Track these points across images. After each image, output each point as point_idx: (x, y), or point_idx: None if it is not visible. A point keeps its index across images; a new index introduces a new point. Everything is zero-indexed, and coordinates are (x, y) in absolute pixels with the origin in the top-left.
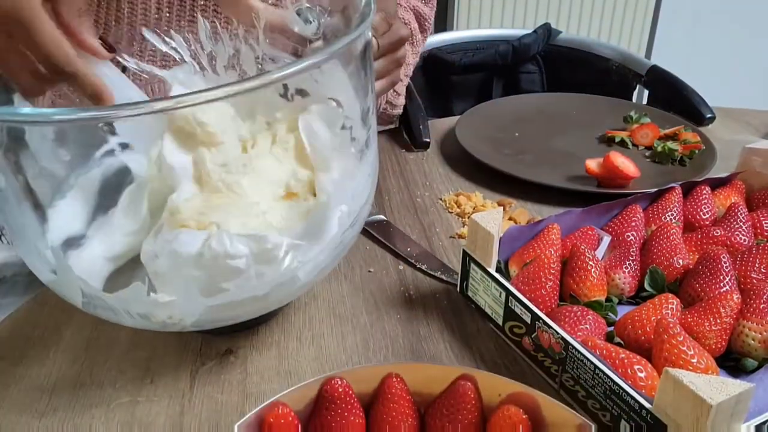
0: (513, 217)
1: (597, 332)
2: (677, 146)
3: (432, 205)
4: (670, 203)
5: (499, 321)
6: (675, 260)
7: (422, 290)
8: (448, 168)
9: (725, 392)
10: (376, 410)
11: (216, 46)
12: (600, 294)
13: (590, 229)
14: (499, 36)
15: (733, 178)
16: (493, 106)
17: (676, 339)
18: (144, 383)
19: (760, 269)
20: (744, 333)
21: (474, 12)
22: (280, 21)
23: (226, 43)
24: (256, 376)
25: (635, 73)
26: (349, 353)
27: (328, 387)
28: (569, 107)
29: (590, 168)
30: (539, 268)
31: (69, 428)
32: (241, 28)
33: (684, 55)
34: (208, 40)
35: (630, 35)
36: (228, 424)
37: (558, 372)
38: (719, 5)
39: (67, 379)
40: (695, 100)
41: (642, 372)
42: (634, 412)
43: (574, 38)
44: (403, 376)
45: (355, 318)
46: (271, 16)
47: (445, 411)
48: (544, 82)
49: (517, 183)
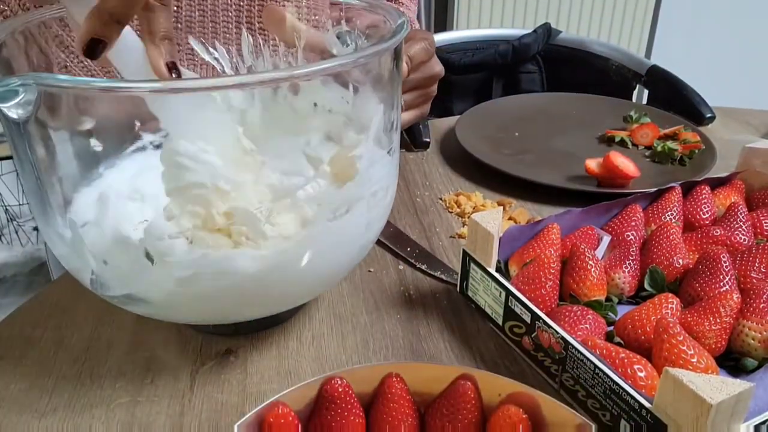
0: (513, 217)
1: (597, 332)
2: (677, 146)
3: (432, 205)
4: (670, 203)
5: (499, 321)
6: (675, 260)
7: (422, 290)
8: (448, 168)
9: (725, 392)
10: (376, 410)
11: (256, 61)
12: (600, 294)
13: (590, 228)
14: (499, 36)
15: (733, 178)
16: (493, 106)
17: (676, 339)
18: (144, 383)
19: (760, 269)
20: (744, 333)
21: (474, 12)
22: (320, 42)
23: (266, 59)
24: (256, 376)
25: (635, 72)
26: (349, 353)
27: (328, 387)
28: (569, 107)
29: (590, 168)
30: (539, 268)
31: (69, 428)
32: (282, 46)
33: (684, 55)
34: (250, 54)
35: (630, 35)
36: (228, 424)
37: (558, 372)
38: (719, 5)
39: (67, 379)
40: (695, 100)
41: (642, 372)
42: (634, 412)
43: (574, 38)
44: (403, 376)
45: (355, 318)
46: (312, 37)
47: (445, 411)
48: (544, 82)
49: (517, 183)
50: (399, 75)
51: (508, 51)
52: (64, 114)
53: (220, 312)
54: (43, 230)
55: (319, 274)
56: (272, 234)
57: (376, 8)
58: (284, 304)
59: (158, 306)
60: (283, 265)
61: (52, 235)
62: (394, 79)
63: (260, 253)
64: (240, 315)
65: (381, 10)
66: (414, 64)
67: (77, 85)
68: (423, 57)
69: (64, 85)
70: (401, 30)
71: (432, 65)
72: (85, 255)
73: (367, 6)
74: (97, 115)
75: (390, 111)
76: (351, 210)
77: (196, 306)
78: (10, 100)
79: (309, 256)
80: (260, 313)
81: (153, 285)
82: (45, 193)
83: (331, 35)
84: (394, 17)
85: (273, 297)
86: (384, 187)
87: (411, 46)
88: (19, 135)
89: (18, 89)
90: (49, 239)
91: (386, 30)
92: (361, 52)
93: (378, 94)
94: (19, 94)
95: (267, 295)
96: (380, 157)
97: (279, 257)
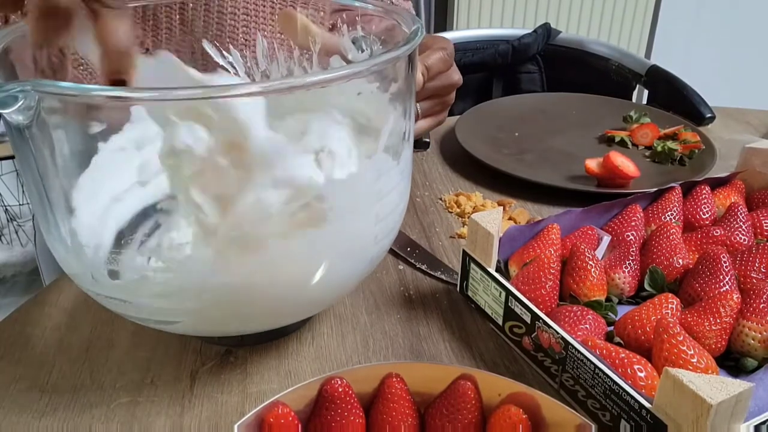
0: (513, 217)
1: (597, 332)
2: (677, 146)
3: (432, 205)
4: (670, 203)
5: (499, 321)
6: (675, 260)
7: (422, 290)
8: (447, 168)
9: (725, 392)
10: (376, 410)
11: (271, 65)
12: (600, 294)
13: (590, 228)
14: (498, 36)
15: (733, 178)
16: (493, 106)
17: (676, 339)
18: (144, 383)
19: (760, 269)
20: (744, 333)
21: (474, 12)
22: (335, 46)
23: (280, 63)
24: (256, 376)
25: (635, 72)
26: (349, 353)
27: (328, 387)
28: (569, 107)
29: (590, 168)
30: (539, 268)
31: (69, 428)
32: (296, 50)
33: (684, 55)
34: (264, 58)
35: (630, 35)
36: (228, 424)
37: (558, 372)
38: (719, 5)
39: (67, 379)
40: (695, 100)
41: (642, 372)
42: (634, 412)
43: (573, 38)
44: (403, 375)
45: (355, 318)
46: (328, 41)
47: (445, 411)
48: (543, 82)
49: (517, 183)
50: (413, 83)
51: (508, 51)
52: (64, 119)
53: (223, 324)
54: (45, 232)
55: (329, 287)
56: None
57: (390, 14)
58: (290, 316)
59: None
60: (293, 279)
61: (54, 241)
62: (409, 86)
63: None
64: (246, 328)
65: (396, 15)
66: (431, 74)
67: (80, 92)
68: (441, 67)
69: (64, 92)
70: (416, 36)
71: (450, 74)
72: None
73: (382, 12)
74: (99, 120)
75: (402, 120)
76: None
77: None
78: (10, 106)
79: (319, 267)
80: (266, 326)
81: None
82: (46, 196)
83: (347, 40)
84: (409, 23)
85: (273, 309)
86: (395, 201)
87: (428, 56)
88: (21, 139)
89: (17, 95)
90: (51, 244)
91: (401, 35)
92: (374, 59)
93: (392, 102)
94: (19, 100)
95: (269, 308)
96: (389, 168)
97: (285, 267)
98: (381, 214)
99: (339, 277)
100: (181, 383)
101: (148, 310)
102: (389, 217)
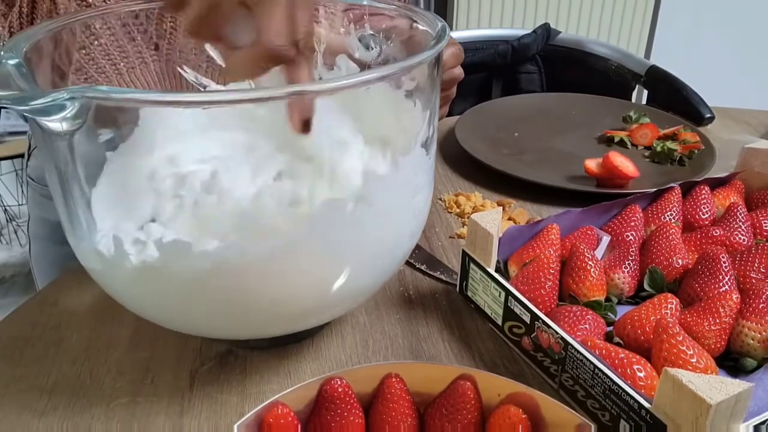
0: (512, 217)
1: (596, 332)
2: (676, 146)
3: (431, 205)
4: (670, 203)
5: (499, 321)
6: (674, 260)
7: (422, 290)
8: (447, 168)
9: (724, 392)
10: (376, 410)
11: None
12: (599, 294)
13: (589, 229)
14: (498, 36)
15: (733, 178)
16: (492, 106)
17: (675, 339)
18: (144, 383)
19: (760, 269)
20: (743, 333)
21: (473, 12)
22: (341, 46)
23: None
24: (255, 376)
25: (634, 73)
26: (349, 353)
27: (328, 387)
28: (569, 107)
29: (589, 168)
30: (538, 268)
31: (69, 428)
32: None
33: (683, 55)
34: None
35: (629, 35)
36: (228, 424)
37: (557, 372)
38: (719, 5)
39: (67, 379)
40: (694, 100)
41: (641, 372)
42: (634, 412)
43: (573, 38)
44: (403, 376)
45: (354, 318)
46: (332, 40)
47: (444, 411)
48: (543, 82)
49: (516, 183)
50: (439, 82)
51: (508, 51)
52: (109, 126)
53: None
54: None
55: (359, 284)
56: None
57: (406, 12)
58: (313, 318)
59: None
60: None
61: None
62: (434, 86)
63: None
64: (264, 332)
65: (415, 14)
66: (444, 69)
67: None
68: (453, 62)
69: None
70: (443, 36)
71: (453, 68)
72: None
73: (399, 12)
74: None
75: (431, 118)
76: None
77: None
78: (56, 114)
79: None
80: (281, 331)
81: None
82: (72, 205)
83: (353, 38)
84: (433, 24)
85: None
86: (425, 197)
87: (443, 51)
88: (52, 146)
89: (66, 104)
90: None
91: (404, 31)
92: (404, 62)
93: (421, 102)
94: (67, 108)
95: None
96: (423, 163)
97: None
98: (416, 209)
99: (378, 272)
100: (181, 383)
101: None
102: (422, 212)
